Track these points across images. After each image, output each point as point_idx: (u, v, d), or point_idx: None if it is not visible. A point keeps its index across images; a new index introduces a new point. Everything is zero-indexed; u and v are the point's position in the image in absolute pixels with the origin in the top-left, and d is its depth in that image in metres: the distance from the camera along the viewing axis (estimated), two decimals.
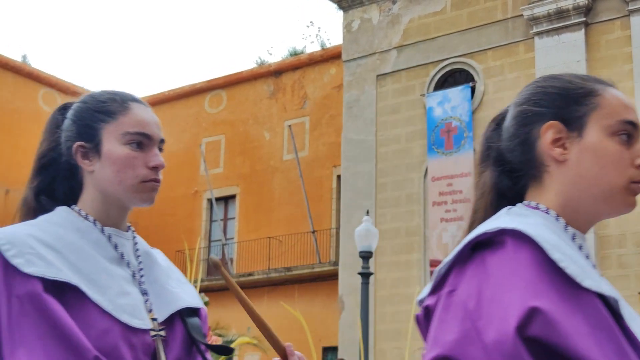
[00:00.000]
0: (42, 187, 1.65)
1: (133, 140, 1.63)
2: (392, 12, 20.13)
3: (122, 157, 1.61)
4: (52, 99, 26.76)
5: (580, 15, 17.18)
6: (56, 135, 1.67)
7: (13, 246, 1.46)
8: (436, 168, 18.35)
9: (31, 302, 1.42)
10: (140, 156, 1.63)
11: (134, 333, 1.52)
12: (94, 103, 1.66)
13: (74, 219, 1.60)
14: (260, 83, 25.83)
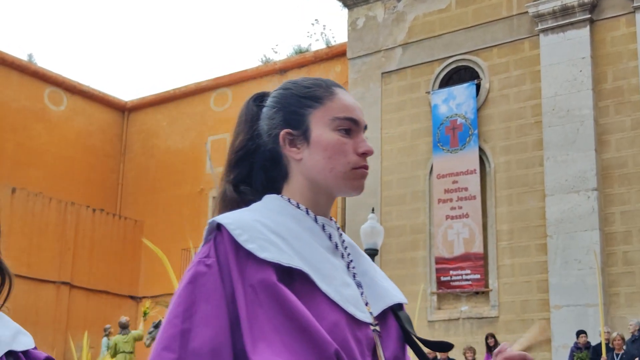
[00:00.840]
0: (240, 179, 1.61)
1: (342, 126, 1.57)
2: (397, 10, 20.14)
3: (333, 143, 1.55)
4: (58, 98, 26.82)
5: (586, 12, 17.16)
6: (254, 126, 1.64)
7: (244, 231, 1.42)
8: (441, 165, 18.36)
9: (266, 291, 1.37)
10: (349, 142, 1.57)
11: (359, 327, 1.45)
12: (298, 89, 1.62)
13: (288, 207, 1.54)
14: (266, 81, 25.85)
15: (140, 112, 28.50)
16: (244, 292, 1.36)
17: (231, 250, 1.40)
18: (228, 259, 1.40)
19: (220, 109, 26.67)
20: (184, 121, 27.11)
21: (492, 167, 17.91)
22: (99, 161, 27.58)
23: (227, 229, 1.41)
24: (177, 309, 1.36)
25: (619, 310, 15.72)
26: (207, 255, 1.41)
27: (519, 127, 17.74)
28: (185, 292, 1.38)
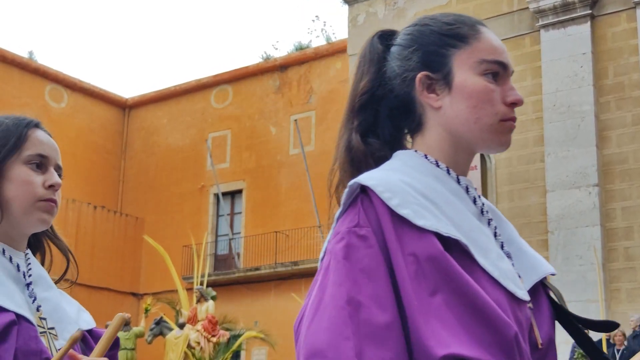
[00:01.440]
0: (365, 127, 1.37)
1: (490, 70, 1.36)
2: (398, 6, 20.12)
3: (479, 89, 1.33)
4: (59, 95, 26.83)
5: (586, 8, 17.14)
6: (381, 67, 1.40)
7: (394, 194, 1.22)
8: None
9: (431, 263, 1.18)
10: (497, 90, 1.36)
11: (519, 306, 1.26)
12: (439, 25, 1.39)
13: (428, 165, 1.33)
14: (266, 78, 25.84)
15: (141, 109, 28.51)
16: (405, 263, 1.18)
17: (385, 215, 1.21)
18: (381, 226, 1.21)
19: (221, 106, 26.67)
20: (185, 118, 27.11)
21: (493, 164, 17.90)
22: (100, 158, 27.59)
23: (375, 192, 1.22)
24: (338, 290, 1.16)
25: (620, 306, 15.73)
26: (357, 223, 1.22)
27: (520, 123, 17.72)
28: (343, 269, 1.18)
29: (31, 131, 1.63)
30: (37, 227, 1.60)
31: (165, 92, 27.97)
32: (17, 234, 1.59)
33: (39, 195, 1.57)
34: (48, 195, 1.60)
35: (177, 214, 26.16)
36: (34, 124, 1.65)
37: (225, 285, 22.89)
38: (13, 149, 1.58)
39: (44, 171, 1.61)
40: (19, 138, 1.59)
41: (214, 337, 14.72)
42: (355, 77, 1.44)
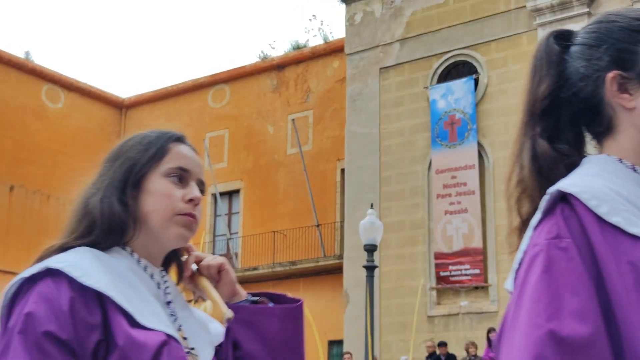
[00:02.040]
0: (548, 134, 1.31)
1: None
2: (395, 5, 20.10)
3: None
4: (55, 95, 26.78)
5: (584, 6, 17.14)
6: (561, 68, 1.33)
7: (601, 201, 1.16)
8: (440, 160, 18.34)
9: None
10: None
11: None
12: (627, 21, 1.31)
13: (626, 170, 1.26)
14: (264, 77, 25.82)
15: (138, 108, 28.48)
16: (621, 273, 1.10)
17: (593, 224, 1.14)
18: (588, 236, 1.14)
19: (218, 106, 26.64)
20: (182, 118, 27.08)
21: (491, 162, 17.89)
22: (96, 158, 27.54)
23: (580, 199, 1.15)
24: (536, 306, 1.10)
25: None
26: (557, 234, 1.14)
27: (518, 122, 17.70)
28: (543, 283, 1.11)
29: (173, 144, 1.58)
30: (175, 242, 1.53)
31: (162, 92, 27.93)
32: (156, 250, 1.52)
33: (178, 209, 1.50)
34: (187, 210, 1.53)
35: None
36: (177, 137, 1.61)
37: None
38: (153, 161, 1.53)
39: (184, 185, 1.55)
40: (160, 150, 1.55)
41: None
42: (531, 81, 1.34)
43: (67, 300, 1.33)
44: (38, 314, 1.31)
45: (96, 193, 1.51)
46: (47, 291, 1.33)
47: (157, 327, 1.38)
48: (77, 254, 1.42)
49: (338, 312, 19.96)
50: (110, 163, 1.56)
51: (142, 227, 1.49)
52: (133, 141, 1.58)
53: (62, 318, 1.31)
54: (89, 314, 1.34)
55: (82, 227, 1.49)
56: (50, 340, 1.29)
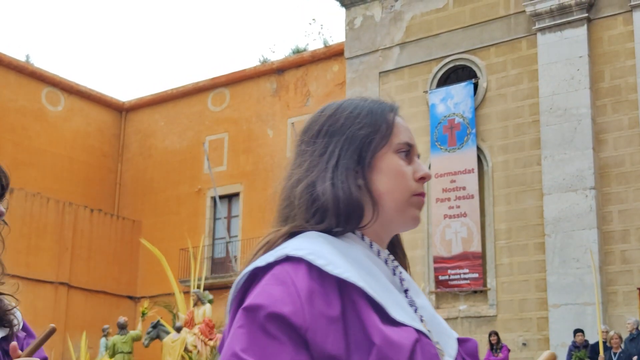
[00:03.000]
0: None
1: None
2: (395, 9, 20.14)
3: None
4: (55, 98, 26.81)
5: (583, 11, 17.17)
6: None
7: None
8: (439, 164, 18.36)
9: None
10: None
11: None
12: None
13: None
14: (263, 81, 25.85)
15: (138, 112, 28.51)
16: None
17: None
18: None
19: (218, 109, 26.67)
20: (182, 121, 27.10)
21: (490, 166, 17.92)
22: (96, 161, 27.57)
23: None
24: None
25: (617, 309, 15.74)
26: None
27: (517, 126, 17.75)
28: None
29: (395, 117, 1.45)
30: (410, 225, 1.41)
31: (162, 95, 27.96)
32: (385, 234, 1.40)
33: (413, 189, 1.37)
34: (420, 189, 1.40)
35: (174, 217, 26.14)
36: (396, 108, 1.47)
37: (222, 289, 22.81)
38: (384, 137, 1.38)
39: (409, 161, 1.41)
40: (389, 124, 1.40)
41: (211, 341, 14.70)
42: None
43: (306, 287, 1.21)
44: (271, 296, 1.20)
45: (321, 176, 1.34)
46: (283, 275, 1.22)
47: (407, 321, 1.26)
48: (312, 240, 1.29)
49: None
50: (324, 140, 1.39)
51: (380, 211, 1.36)
52: (347, 113, 1.41)
53: (298, 303, 1.19)
54: (328, 306, 1.21)
55: (308, 215, 1.33)
56: (279, 322, 1.18)
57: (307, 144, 1.39)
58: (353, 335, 1.20)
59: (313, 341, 1.17)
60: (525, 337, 16.63)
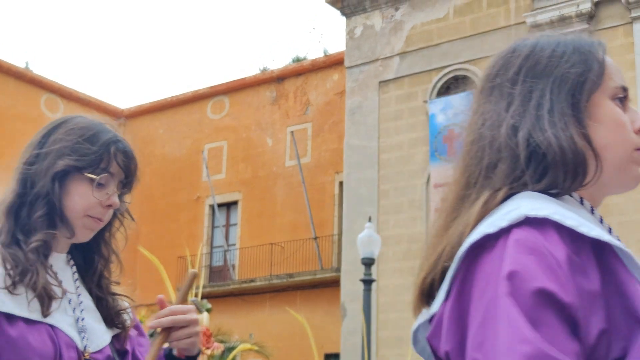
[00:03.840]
0: None
1: None
2: (395, 19, 20.15)
3: None
4: (54, 104, 26.80)
5: (583, 22, 17.18)
6: None
7: None
8: (439, 175, 18.33)
9: None
10: None
11: None
12: None
13: None
14: (263, 89, 25.85)
15: (137, 119, 28.48)
16: None
17: None
18: None
19: (217, 117, 26.65)
20: (181, 129, 27.08)
21: None
22: None
23: None
24: None
25: None
26: None
27: None
28: None
29: (606, 56, 1.23)
30: (629, 186, 1.19)
31: (162, 103, 27.95)
32: (600, 198, 1.19)
33: (635, 143, 1.15)
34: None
35: (172, 225, 26.09)
36: (605, 46, 1.25)
37: (220, 297, 22.80)
38: (599, 78, 1.17)
39: (625, 109, 1.19)
40: (601, 63, 1.19)
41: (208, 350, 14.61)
42: None
43: (565, 255, 1.00)
44: (527, 268, 0.98)
45: (536, 124, 1.12)
46: (532, 241, 1.00)
47: None
48: (542, 200, 1.08)
49: (335, 325, 19.89)
50: (526, 84, 1.17)
51: (602, 167, 1.14)
52: (550, 52, 1.20)
53: (563, 277, 0.98)
54: (588, 278, 1.00)
55: (522, 171, 1.11)
56: (549, 302, 0.96)
57: (502, 87, 1.18)
58: (614, 313, 1.00)
59: (582, 323, 0.97)
60: None
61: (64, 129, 1.64)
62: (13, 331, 1.46)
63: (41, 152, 1.59)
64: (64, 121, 1.68)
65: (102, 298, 1.70)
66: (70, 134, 1.62)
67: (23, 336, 1.46)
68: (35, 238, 1.54)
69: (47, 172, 1.57)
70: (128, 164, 1.68)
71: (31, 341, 1.47)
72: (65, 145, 1.59)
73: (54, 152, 1.58)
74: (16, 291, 1.49)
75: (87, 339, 1.58)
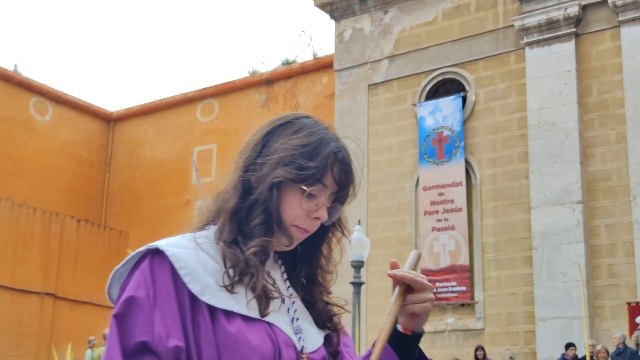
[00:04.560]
0: None
1: None
2: (384, 22, 20.21)
3: None
4: (43, 107, 26.72)
5: (571, 26, 17.28)
6: None
7: None
8: (427, 177, 18.39)
9: None
10: None
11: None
12: None
13: None
14: (253, 92, 25.85)
15: (126, 122, 28.43)
16: None
17: None
18: None
19: (207, 120, 26.64)
20: (170, 132, 27.05)
21: (478, 180, 17.96)
22: (84, 171, 27.46)
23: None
24: None
25: (604, 323, 15.77)
26: None
27: (505, 139, 17.81)
28: None
29: None
30: None
31: (151, 106, 27.90)
32: None
33: None
34: None
35: (161, 228, 26.03)
36: None
37: None
38: None
39: None
40: None
41: None
42: None
43: None
44: None
45: None
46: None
47: None
48: None
49: None
50: None
51: None
52: None
53: None
54: None
55: None
56: None
57: None
58: None
59: None
60: (512, 351, 16.62)
61: (287, 135, 1.64)
62: (232, 328, 1.46)
63: (261, 157, 1.61)
64: (288, 122, 1.69)
65: (311, 302, 1.71)
66: (291, 144, 1.61)
67: (242, 334, 1.46)
68: (255, 243, 1.55)
69: (266, 180, 1.57)
70: (343, 178, 1.63)
71: (250, 339, 1.46)
72: (285, 155, 1.58)
73: (274, 160, 1.59)
74: (234, 290, 1.49)
75: (303, 339, 1.57)
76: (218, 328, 1.45)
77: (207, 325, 1.44)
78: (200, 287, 1.46)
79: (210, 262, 1.51)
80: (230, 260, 1.51)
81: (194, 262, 1.49)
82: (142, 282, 1.45)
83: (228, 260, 1.52)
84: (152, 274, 1.46)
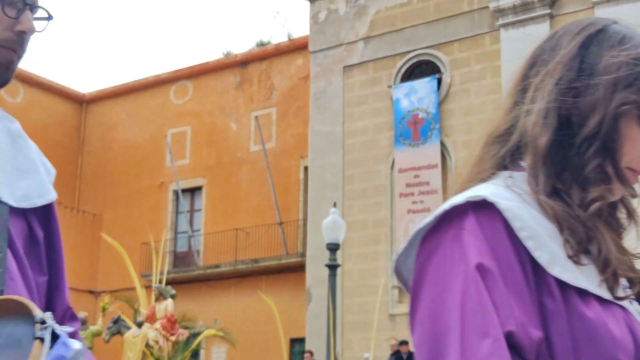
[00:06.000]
0: None
1: None
2: (359, 3, 20.12)
3: None
4: (14, 89, 26.36)
5: (545, 7, 17.32)
6: None
7: None
8: (403, 160, 18.40)
9: None
10: None
11: None
12: None
13: None
14: (227, 74, 25.68)
15: (99, 104, 28.15)
16: None
17: None
18: None
19: (180, 102, 26.43)
20: (144, 114, 26.82)
21: (454, 162, 18.00)
22: (56, 154, 27.16)
23: None
24: None
25: None
26: None
27: (480, 121, 17.85)
28: None
29: None
30: None
31: (124, 87, 27.64)
32: None
33: None
34: None
35: (135, 211, 25.88)
36: None
37: (185, 283, 22.71)
38: None
39: None
40: None
41: (173, 336, 14.56)
42: None
43: None
44: None
45: None
46: None
47: None
48: None
49: (300, 310, 19.93)
50: None
51: None
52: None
53: None
54: None
55: None
56: None
57: None
58: None
59: None
60: None
61: (612, 47, 1.18)
62: (590, 312, 1.09)
63: (584, 77, 1.16)
64: (602, 29, 1.20)
65: None
66: (627, 57, 1.16)
67: (602, 321, 1.09)
68: (594, 195, 1.14)
69: (607, 107, 1.15)
70: None
71: (612, 328, 1.09)
72: (624, 73, 1.15)
73: (609, 80, 1.15)
74: (582, 261, 1.11)
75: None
76: (572, 312, 1.08)
77: (558, 307, 1.07)
78: (547, 255, 1.08)
79: (544, 222, 1.12)
80: (564, 221, 1.12)
81: (532, 220, 1.10)
82: (478, 247, 1.06)
83: (562, 220, 1.12)
84: (485, 237, 1.06)
